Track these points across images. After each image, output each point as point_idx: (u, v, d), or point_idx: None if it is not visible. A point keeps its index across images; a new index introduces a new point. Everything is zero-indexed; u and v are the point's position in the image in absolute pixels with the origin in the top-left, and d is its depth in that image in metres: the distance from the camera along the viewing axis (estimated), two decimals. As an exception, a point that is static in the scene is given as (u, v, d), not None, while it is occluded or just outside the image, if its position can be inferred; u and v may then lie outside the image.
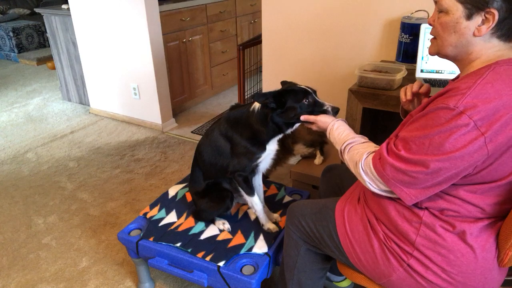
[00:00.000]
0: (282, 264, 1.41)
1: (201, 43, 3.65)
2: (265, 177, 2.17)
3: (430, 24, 1.05)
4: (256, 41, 2.76)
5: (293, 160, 2.13)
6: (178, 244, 1.51)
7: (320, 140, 2.17)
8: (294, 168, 2.16)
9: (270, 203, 1.74)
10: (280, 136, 1.46)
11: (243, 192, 1.55)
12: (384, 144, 1.03)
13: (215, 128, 1.55)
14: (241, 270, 1.40)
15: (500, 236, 1.01)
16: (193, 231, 1.59)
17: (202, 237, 1.56)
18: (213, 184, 1.61)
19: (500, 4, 0.89)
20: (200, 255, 1.46)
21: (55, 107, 3.88)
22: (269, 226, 1.59)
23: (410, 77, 1.78)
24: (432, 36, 1.05)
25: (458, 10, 0.94)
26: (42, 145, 3.10)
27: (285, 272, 1.37)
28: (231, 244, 1.51)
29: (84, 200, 2.40)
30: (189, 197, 1.79)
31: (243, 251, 1.47)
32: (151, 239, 1.55)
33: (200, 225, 1.62)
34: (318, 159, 2.18)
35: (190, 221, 1.65)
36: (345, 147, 1.15)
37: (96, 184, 2.56)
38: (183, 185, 1.89)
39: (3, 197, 2.47)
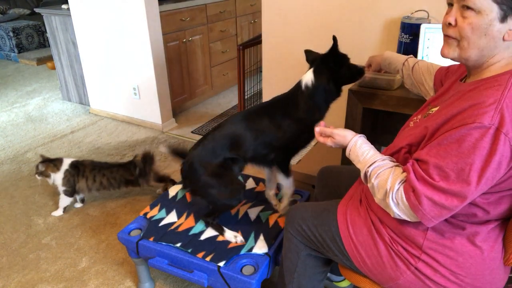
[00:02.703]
0: (281, 265, 1.39)
1: (201, 43, 3.65)
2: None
3: (450, 24, 0.95)
4: (256, 41, 2.76)
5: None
6: (178, 244, 1.51)
7: (166, 178, 2.35)
8: (294, 168, 2.16)
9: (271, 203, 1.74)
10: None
11: (283, 176, 1.57)
12: (411, 174, 0.94)
13: (264, 114, 1.51)
14: (241, 270, 1.40)
15: (507, 235, 1.01)
16: (193, 231, 1.59)
17: (202, 237, 1.56)
18: (227, 167, 1.54)
19: None
20: (200, 255, 1.46)
21: (55, 107, 3.87)
22: None
23: (410, 77, 1.77)
24: (451, 37, 0.96)
25: (493, 11, 0.87)
26: (42, 145, 3.10)
27: (285, 275, 1.36)
28: (231, 244, 1.51)
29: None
30: (189, 197, 1.79)
31: (243, 251, 1.47)
32: (151, 239, 1.55)
33: (200, 225, 1.62)
34: (160, 190, 2.38)
35: (190, 221, 1.65)
36: (372, 171, 1.04)
37: (96, 184, 2.56)
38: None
39: (3, 197, 2.47)
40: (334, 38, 1.42)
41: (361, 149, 1.10)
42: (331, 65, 1.43)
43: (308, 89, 1.46)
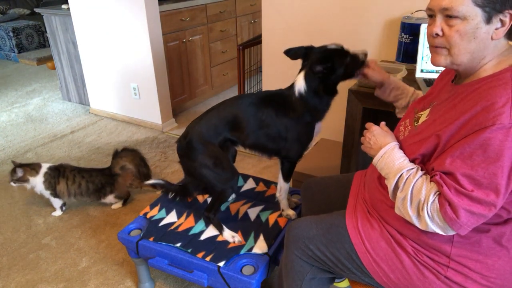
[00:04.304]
0: (280, 272, 1.34)
1: (201, 43, 3.65)
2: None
3: (437, 35, 0.96)
4: (256, 41, 2.76)
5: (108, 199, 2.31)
6: (178, 244, 1.51)
7: (127, 196, 2.35)
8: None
9: (271, 203, 1.74)
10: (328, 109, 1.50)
11: (281, 177, 1.59)
12: (445, 188, 0.90)
13: (268, 109, 1.49)
14: (241, 270, 1.40)
15: None
16: (193, 231, 1.59)
17: (202, 237, 1.56)
18: (225, 149, 1.53)
19: None
20: (200, 255, 1.46)
21: (55, 107, 3.88)
22: (289, 212, 1.64)
23: (410, 77, 1.78)
24: (440, 47, 0.97)
25: (478, 15, 0.90)
26: (42, 145, 3.10)
27: None
28: (231, 244, 1.51)
29: (84, 200, 2.39)
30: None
31: (243, 251, 1.47)
32: (151, 239, 1.55)
33: (200, 225, 1.62)
34: (116, 205, 2.33)
35: (190, 221, 1.65)
36: (407, 179, 0.98)
37: (96, 184, 2.56)
38: (183, 185, 1.89)
39: (3, 197, 2.47)
40: (306, 49, 1.42)
41: (398, 153, 1.04)
42: (320, 74, 1.39)
43: (302, 96, 1.44)
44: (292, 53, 1.47)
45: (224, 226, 1.57)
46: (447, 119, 0.95)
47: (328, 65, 1.36)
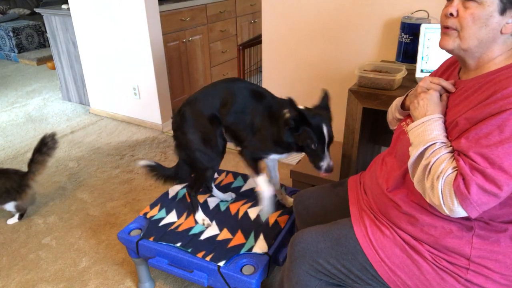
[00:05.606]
0: (281, 286, 1.29)
1: (201, 43, 3.65)
2: None
3: (451, 15, 0.97)
4: (256, 41, 2.76)
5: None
6: (178, 244, 1.51)
7: (24, 210, 2.22)
8: (294, 168, 2.16)
9: (270, 203, 1.75)
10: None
11: (249, 172, 1.55)
12: (461, 162, 0.90)
13: (256, 105, 1.50)
14: (241, 270, 1.40)
15: None
16: (193, 231, 1.59)
17: (202, 237, 1.56)
18: (213, 124, 1.54)
19: None
20: (200, 255, 1.46)
21: (55, 107, 3.88)
22: (287, 200, 1.69)
23: (410, 77, 1.78)
24: (451, 28, 0.98)
25: (494, 3, 0.91)
26: (42, 145, 3.10)
27: None
28: (231, 244, 1.52)
29: (84, 200, 2.40)
30: (189, 197, 1.78)
31: (243, 251, 1.47)
32: (151, 239, 1.55)
33: (200, 225, 1.62)
34: (12, 220, 2.22)
35: (190, 221, 1.65)
36: (438, 149, 0.96)
37: (96, 184, 2.56)
38: (183, 185, 1.89)
39: (3, 197, 2.46)
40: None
41: (440, 125, 1.00)
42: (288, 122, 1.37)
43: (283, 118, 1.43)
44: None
45: (199, 208, 1.60)
46: (459, 110, 0.96)
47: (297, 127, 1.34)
